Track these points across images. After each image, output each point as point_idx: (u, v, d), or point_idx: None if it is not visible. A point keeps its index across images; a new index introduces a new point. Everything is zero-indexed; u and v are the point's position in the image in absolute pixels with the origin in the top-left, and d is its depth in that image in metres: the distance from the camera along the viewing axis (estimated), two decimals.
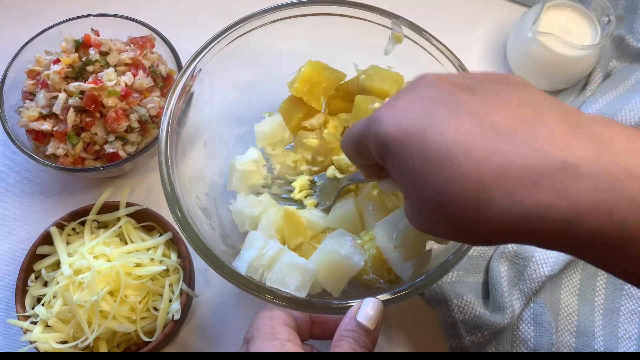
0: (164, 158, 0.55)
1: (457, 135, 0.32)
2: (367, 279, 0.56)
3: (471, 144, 0.32)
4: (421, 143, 0.33)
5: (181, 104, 0.59)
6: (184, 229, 0.52)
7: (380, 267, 0.55)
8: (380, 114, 0.37)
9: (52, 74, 0.68)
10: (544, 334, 0.62)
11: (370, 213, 0.60)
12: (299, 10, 0.62)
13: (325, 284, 0.55)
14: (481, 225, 0.32)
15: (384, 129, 0.36)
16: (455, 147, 0.32)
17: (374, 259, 0.55)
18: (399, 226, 0.53)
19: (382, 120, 0.36)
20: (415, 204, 0.36)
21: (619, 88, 0.77)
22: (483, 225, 0.32)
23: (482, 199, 0.31)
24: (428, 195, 0.34)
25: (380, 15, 0.62)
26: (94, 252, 0.61)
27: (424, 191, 0.34)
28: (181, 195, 0.55)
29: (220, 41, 0.61)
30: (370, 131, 0.38)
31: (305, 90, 0.63)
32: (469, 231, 0.34)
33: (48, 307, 0.60)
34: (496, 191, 0.31)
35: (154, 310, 0.61)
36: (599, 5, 0.75)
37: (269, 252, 0.54)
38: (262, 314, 0.48)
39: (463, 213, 0.32)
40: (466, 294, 0.62)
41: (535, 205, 0.30)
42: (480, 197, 0.31)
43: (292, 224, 0.60)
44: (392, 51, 0.64)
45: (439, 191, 0.33)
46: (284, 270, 0.53)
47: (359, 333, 0.45)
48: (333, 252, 0.55)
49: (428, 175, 0.33)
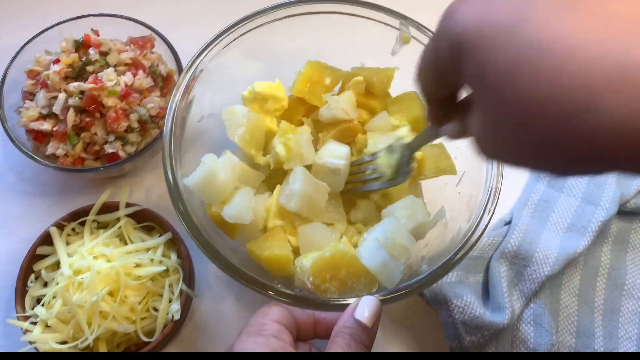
0: (168, 155, 0.56)
1: (562, 27, 0.26)
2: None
3: (582, 38, 0.26)
4: (513, 37, 0.27)
5: (184, 102, 0.59)
6: (186, 222, 0.53)
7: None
8: (455, 6, 0.31)
9: (52, 74, 0.68)
10: (544, 334, 0.62)
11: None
12: (303, 8, 0.62)
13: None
14: (583, 139, 0.26)
15: (462, 23, 0.30)
16: (559, 41, 0.26)
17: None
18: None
19: (458, 12, 0.31)
20: (495, 117, 0.30)
21: None
22: (585, 140, 0.26)
23: (591, 106, 0.25)
24: (516, 103, 0.28)
25: (387, 15, 0.63)
26: (93, 253, 0.61)
27: (512, 98, 0.28)
28: (183, 190, 0.56)
29: (222, 40, 0.61)
30: (442, 30, 0.32)
31: (307, 89, 0.63)
32: (562, 149, 0.27)
33: (48, 308, 0.60)
34: (610, 97, 0.25)
35: (153, 311, 0.61)
36: None
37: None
38: (258, 312, 0.48)
39: (562, 124, 0.26)
40: (466, 294, 0.62)
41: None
42: (591, 103, 0.25)
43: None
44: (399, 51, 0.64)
45: (533, 96, 0.27)
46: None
47: (356, 330, 0.45)
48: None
49: (520, 76, 0.27)
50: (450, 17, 0.31)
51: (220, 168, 0.57)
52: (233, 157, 0.60)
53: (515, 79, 0.27)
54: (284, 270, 0.57)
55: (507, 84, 0.28)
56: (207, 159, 0.57)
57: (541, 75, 0.26)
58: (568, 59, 0.26)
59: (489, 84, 0.29)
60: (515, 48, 0.27)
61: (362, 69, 0.66)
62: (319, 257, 0.54)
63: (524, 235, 0.66)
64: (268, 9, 0.62)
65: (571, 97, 0.26)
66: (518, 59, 0.27)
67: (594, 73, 0.25)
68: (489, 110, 0.30)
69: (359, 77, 0.65)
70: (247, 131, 0.61)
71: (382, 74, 0.65)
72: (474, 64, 0.30)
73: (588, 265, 0.68)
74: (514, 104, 0.28)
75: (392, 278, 0.54)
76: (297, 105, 0.65)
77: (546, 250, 0.65)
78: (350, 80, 0.66)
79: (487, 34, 0.29)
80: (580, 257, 0.67)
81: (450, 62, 0.32)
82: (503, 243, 0.66)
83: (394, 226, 0.56)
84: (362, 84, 0.65)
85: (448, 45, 0.31)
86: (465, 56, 0.30)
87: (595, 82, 0.25)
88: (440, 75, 0.35)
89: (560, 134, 0.27)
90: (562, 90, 0.26)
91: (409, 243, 0.56)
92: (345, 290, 0.54)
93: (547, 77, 0.26)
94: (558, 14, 0.27)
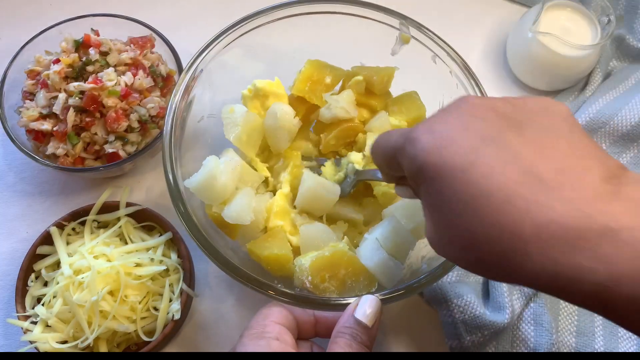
0: (168, 155, 0.56)
1: (502, 182, 0.32)
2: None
3: (515, 193, 0.31)
4: (463, 182, 0.32)
5: (184, 102, 0.59)
6: (186, 222, 0.53)
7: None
8: (419, 136, 0.35)
9: (52, 74, 0.68)
10: (544, 334, 0.62)
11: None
12: (303, 9, 0.62)
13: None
14: (510, 273, 0.32)
15: (422, 155, 0.35)
16: (498, 194, 0.31)
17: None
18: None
19: (421, 144, 0.35)
20: (442, 235, 0.36)
21: (619, 88, 0.77)
22: (512, 274, 0.32)
23: (518, 251, 0.31)
24: (460, 233, 0.33)
25: (387, 15, 0.63)
26: (94, 252, 0.61)
27: (457, 228, 0.33)
28: (183, 190, 0.56)
29: (222, 40, 0.61)
30: (406, 151, 0.36)
31: (307, 89, 0.63)
32: (495, 274, 0.34)
33: (48, 307, 0.60)
34: (533, 246, 0.30)
35: (154, 310, 0.61)
36: (599, 5, 0.75)
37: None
38: (258, 313, 0.48)
39: (495, 260, 0.32)
40: (466, 294, 0.62)
41: (571, 267, 0.30)
42: (517, 249, 0.31)
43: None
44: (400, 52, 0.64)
45: (473, 234, 0.32)
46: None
47: (356, 330, 0.45)
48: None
49: (465, 216, 0.33)
50: (415, 145, 0.35)
51: (221, 170, 0.57)
52: (235, 157, 0.60)
53: (462, 216, 0.33)
54: (283, 270, 0.57)
55: (455, 217, 0.33)
56: (209, 162, 0.57)
57: (482, 219, 0.32)
58: (504, 210, 0.31)
59: (442, 211, 0.34)
60: (468, 189, 0.32)
61: (362, 68, 0.66)
62: (318, 257, 0.54)
63: None
64: (268, 9, 0.62)
65: (504, 242, 0.31)
66: (467, 200, 0.32)
67: (523, 225, 0.31)
68: (438, 228, 0.36)
69: (359, 77, 0.65)
70: (244, 131, 0.61)
71: (382, 73, 0.65)
72: (430, 194, 0.35)
73: None
74: (459, 233, 0.34)
75: (392, 278, 0.54)
76: (297, 105, 0.65)
77: None
78: (350, 79, 0.66)
79: (445, 171, 0.33)
80: None
81: (408, 176, 0.38)
82: None
83: (394, 226, 0.56)
84: (362, 84, 0.65)
85: (409, 166, 0.36)
86: (424, 183, 0.35)
87: (524, 232, 0.31)
88: (394, 168, 0.40)
89: (495, 266, 0.33)
90: (497, 235, 0.31)
91: (410, 243, 0.56)
92: (345, 290, 0.54)
93: (486, 222, 0.32)
94: (499, 166, 0.32)
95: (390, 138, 0.40)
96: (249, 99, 0.64)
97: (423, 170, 0.35)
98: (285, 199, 0.62)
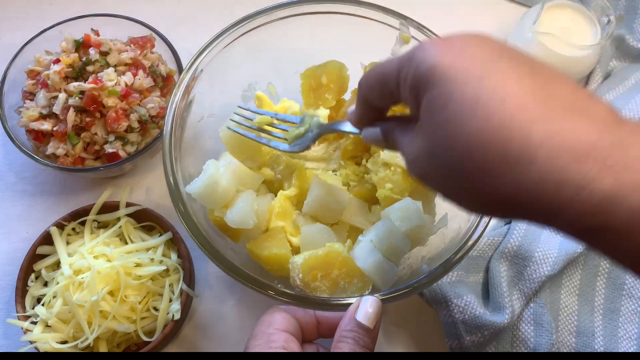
0: (168, 155, 0.56)
1: (517, 90, 0.31)
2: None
3: (528, 102, 0.31)
4: (477, 86, 0.31)
5: (184, 102, 0.59)
6: (186, 222, 0.53)
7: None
8: (433, 41, 0.35)
9: (52, 74, 0.68)
10: (544, 334, 0.62)
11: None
12: (303, 8, 0.62)
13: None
14: (511, 180, 0.31)
15: (436, 56, 0.33)
16: (511, 99, 0.31)
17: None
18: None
19: (435, 49, 0.34)
20: (435, 147, 0.34)
21: (619, 88, 0.77)
22: (513, 181, 0.30)
23: (524, 156, 0.30)
24: (461, 140, 0.32)
25: (387, 15, 0.63)
26: (94, 252, 0.61)
27: (461, 132, 0.32)
28: (183, 190, 0.56)
29: (222, 40, 0.61)
30: (414, 59, 0.35)
31: (313, 98, 0.63)
32: (493, 186, 0.32)
33: (48, 307, 0.60)
34: (541, 153, 0.30)
35: (154, 310, 0.61)
36: (599, 6, 0.75)
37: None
38: (261, 320, 0.48)
39: (497, 165, 0.31)
40: (466, 294, 0.62)
41: (579, 173, 0.29)
42: (524, 154, 0.30)
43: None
44: (400, 52, 0.64)
45: (482, 135, 0.31)
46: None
47: (359, 333, 0.45)
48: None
49: (472, 119, 0.31)
50: (425, 50, 0.34)
51: (221, 174, 0.57)
52: (233, 161, 0.60)
53: (468, 120, 0.31)
54: (283, 270, 0.57)
55: (460, 122, 0.32)
56: (209, 167, 0.57)
57: (491, 121, 0.31)
58: (516, 115, 0.30)
59: (443, 118, 0.32)
60: (481, 92, 0.31)
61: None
62: (311, 255, 0.54)
63: (524, 234, 0.66)
64: (268, 9, 0.62)
65: (512, 145, 0.30)
66: (478, 103, 0.31)
67: (534, 131, 0.30)
68: (432, 141, 0.34)
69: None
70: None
71: None
72: (436, 99, 0.33)
73: (588, 265, 0.68)
74: (459, 141, 0.32)
75: (387, 280, 0.54)
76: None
77: (546, 249, 0.65)
78: (346, 76, 0.65)
79: (459, 75, 0.32)
80: (580, 257, 0.67)
81: (407, 89, 0.36)
82: (503, 243, 0.66)
83: (389, 228, 0.56)
84: None
85: (414, 74, 0.35)
86: (432, 88, 0.33)
87: (533, 138, 0.30)
88: (389, 88, 0.38)
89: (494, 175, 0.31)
90: (506, 137, 0.30)
91: (404, 245, 0.56)
92: (336, 291, 0.54)
93: (496, 124, 0.30)
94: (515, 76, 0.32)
95: (391, 61, 0.38)
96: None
97: (434, 71, 0.33)
98: (288, 200, 0.61)
